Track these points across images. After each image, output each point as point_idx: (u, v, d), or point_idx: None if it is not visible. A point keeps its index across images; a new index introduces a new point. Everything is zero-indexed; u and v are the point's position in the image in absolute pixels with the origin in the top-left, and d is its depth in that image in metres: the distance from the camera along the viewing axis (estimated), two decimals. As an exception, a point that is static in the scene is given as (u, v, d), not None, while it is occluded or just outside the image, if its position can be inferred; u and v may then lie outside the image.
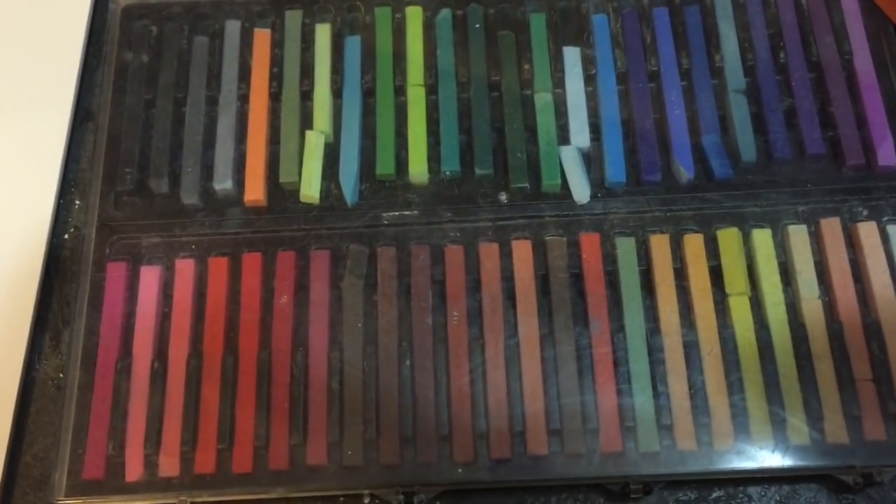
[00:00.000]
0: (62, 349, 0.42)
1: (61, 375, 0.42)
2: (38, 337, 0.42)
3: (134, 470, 0.38)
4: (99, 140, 0.44)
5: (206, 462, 0.38)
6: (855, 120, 0.43)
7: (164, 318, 0.41)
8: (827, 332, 0.39)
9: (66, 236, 0.44)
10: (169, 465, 0.38)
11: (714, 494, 0.39)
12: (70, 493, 0.38)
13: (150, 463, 0.39)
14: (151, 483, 0.38)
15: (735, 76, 0.44)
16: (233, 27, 0.46)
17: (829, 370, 0.39)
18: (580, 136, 0.43)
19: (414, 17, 0.46)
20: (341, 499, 0.39)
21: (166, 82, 0.45)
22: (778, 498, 0.39)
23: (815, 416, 0.38)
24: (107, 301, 0.41)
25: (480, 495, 0.39)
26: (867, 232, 0.41)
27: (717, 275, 0.41)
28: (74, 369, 0.40)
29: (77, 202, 0.45)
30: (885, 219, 0.41)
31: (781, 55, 0.44)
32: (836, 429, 0.38)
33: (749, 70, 0.44)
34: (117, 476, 0.38)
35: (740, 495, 0.39)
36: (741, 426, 0.38)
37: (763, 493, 0.39)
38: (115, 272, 0.42)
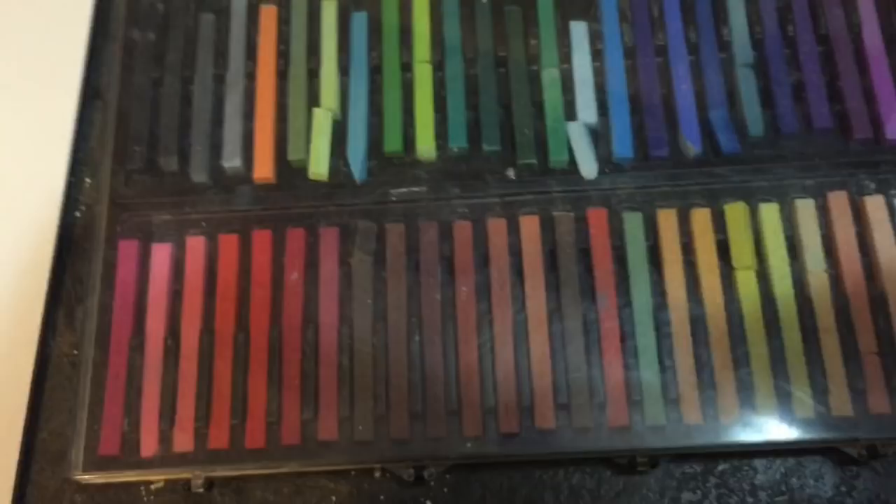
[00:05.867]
0: (76, 326, 0.43)
1: (75, 352, 0.42)
2: (51, 314, 0.43)
3: (149, 445, 0.39)
4: (108, 119, 0.44)
5: (219, 437, 0.39)
6: (863, 93, 0.43)
7: (176, 295, 0.41)
8: (833, 305, 0.40)
9: (78, 214, 0.45)
10: (183, 441, 0.39)
11: (720, 467, 0.40)
12: (87, 469, 0.39)
13: (165, 438, 0.39)
14: (166, 458, 0.39)
15: (743, 50, 0.44)
16: (239, 4, 0.46)
17: (834, 344, 0.39)
18: (587, 111, 0.43)
19: (420, -8, 0.46)
20: (353, 473, 0.40)
21: (174, 60, 0.45)
22: (783, 470, 0.39)
23: (820, 390, 0.38)
24: (119, 279, 0.41)
25: (489, 469, 0.40)
26: (874, 205, 0.41)
27: (724, 249, 0.41)
28: (89, 346, 0.40)
29: (87, 180, 0.45)
30: (893, 192, 0.41)
31: (790, 28, 0.44)
32: (841, 402, 0.38)
33: (757, 44, 0.44)
34: (133, 452, 0.39)
35: (745, 468, 0.39)
36: (747, 400, 0.38)
37: (768, 466, 0.40)
38: (127, 250, 0.42)
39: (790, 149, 0.42)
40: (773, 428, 0.38)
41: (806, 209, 0.41)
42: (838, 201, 0.41)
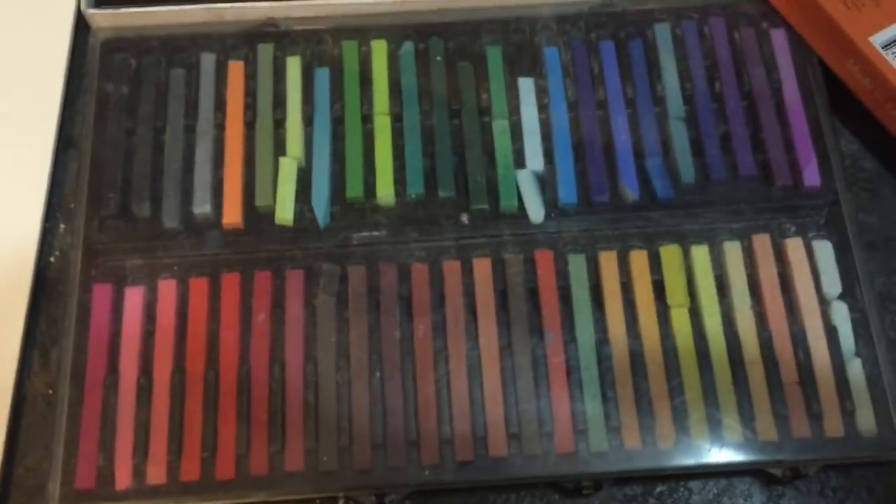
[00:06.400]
0: (51, 366, 0.44)
1: (50, 391, 0.44)
2: (27, 355, 0.45)
3: (123, 479, 0.41)
4: (82, 167, 0.46)
5: (191, 470, 0.41)
6: (783, 144, 0.47)
7: (149, 336, 0.43)
8: (758, 339, 0.43)
9: (52, 259, 0.47)
10: (156, 474, 0.41)
11: (658, 489, 0.43)
12: (63, 502, 0.40)
13: (139, 472, 0.41)
14: (140, 491, 0.41)
15: (675, 104, 0.48)
16: (208, 60, 0.49)
17: (759, 375, 0.42)
18: (535, 160, 0.47)
19: (379, 49, 0.49)
20: (317, 501, 0.42)
21: (146, 112, 0.47)
22: (716, 491, 0.43)
23: (747, 417, 0.42)
24: (93, 321, 0.43)
25: (447, 495, 0.42)
26: (794, 247, 0.45)
27: (659, 288, 0.44)
28: (64, 385, 0.42)
29: (62, 226, 0.47)
30: (811, 235, 0.45)
31: (717, 85, 0.48)
32: (766, 427, 0.42)
33: (688, 99, 0.48)
34: (108, 485, 0.41)
35: (682, 489, 0.43)
36: (682, 427, 0.42)
37: (702, 487, 0.43)
38: (101, 293, 0.44)
39: (718, 195, 0.46)
40: (705, 452, 0.41)
41: (733, 251, 0.45)
42: (762, 243, 0.45)
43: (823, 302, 0.44)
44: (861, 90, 0.47)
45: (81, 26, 0.51)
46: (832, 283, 0.44)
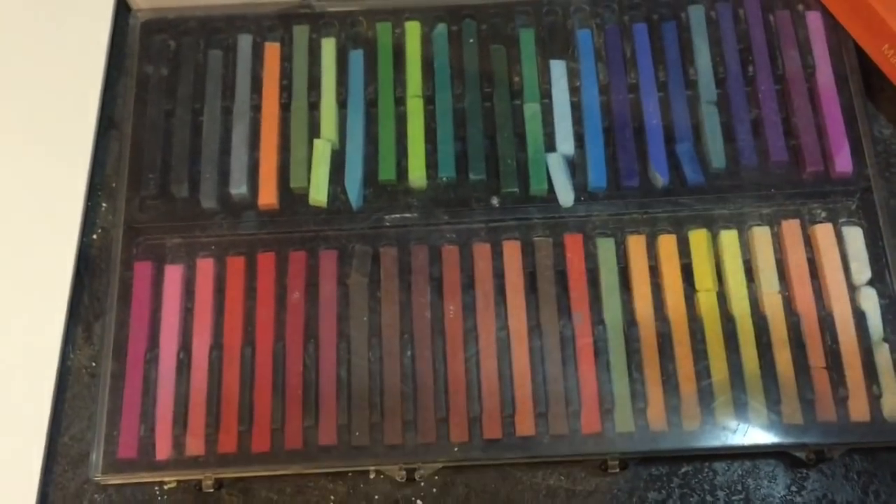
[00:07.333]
0: (94, 340, 0.46)
1: (94, 364, 0.46)
2: (71, 330, 0.46)
3: (163, 449, 0.42)
4: (123, 148, 0.48)
5: (228, 442, 0.42)
6: (815, 129, 0.46)
7: (188, 312, 0.45)
8: (786, 324, 0.43)
9: (95, 237, 0.48)
10: (195, 445, 0.42)
11: (683, 469, 0.43)
12: (106, 471, 0.42)
13: (178, 443, 0.42)
14: (179, 461, 0.42)
15: (707, 88, 0.48)
16: (245, 41, 0.50)
17: (786, 358, 0.43)
18: (565, 144, 0.47)
19: (412, 31, 0.50)
20: (350, 475, 0.43)
21: (184, 94, 0.48)
22: (740, 472, 0.43)
23: (773, 400, 0.42)
24: (135, 297, 0.45)
25: (475, 471, 0.43)
26: (824, 233, 0.45)
27: (688, 272, 0.44)
28: (107, 359, 0.44)
29: (104, 205, 0.49)
30: (841, 221, 0.45)
31: (750, 69, 0.48)
32: (792, 411, 0.42)
33: (720, 82, 0.48)
34: (149, 455, 0.42)
35: (706, 470, 0.43)
36: (707, 409, 0.42)
37: (727, 468, 0.43)
38: (142, 271, 0.45)
39: (749, 180, 0.46)
40: (730, 434, 0.42)
41: (762, 236, 0.45)
42: (791, 229, 0.45)
43: (852, 287, 0.44)
44: (896, 75, 0.47)
45: (122, 7, 0.52)
46: (862, 269, 0.44)
